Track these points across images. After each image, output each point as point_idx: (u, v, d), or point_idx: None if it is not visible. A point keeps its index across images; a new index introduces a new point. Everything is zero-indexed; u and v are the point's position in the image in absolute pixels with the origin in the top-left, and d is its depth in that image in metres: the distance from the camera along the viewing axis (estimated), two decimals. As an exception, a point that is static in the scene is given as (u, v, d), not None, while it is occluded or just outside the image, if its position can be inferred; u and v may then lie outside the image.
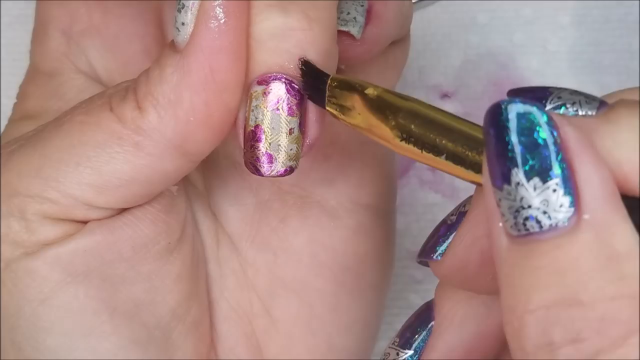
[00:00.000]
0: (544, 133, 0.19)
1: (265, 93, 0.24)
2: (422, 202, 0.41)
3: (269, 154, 0.25)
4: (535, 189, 0.18)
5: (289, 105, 0.24)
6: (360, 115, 0.23)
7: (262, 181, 0.30)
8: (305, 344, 0.31)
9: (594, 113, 0.20)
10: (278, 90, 0.24)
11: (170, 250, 0.27)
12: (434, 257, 0.24)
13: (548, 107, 0.20)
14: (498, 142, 0.19)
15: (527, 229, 0.19)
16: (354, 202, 0.31)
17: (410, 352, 0.24)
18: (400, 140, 0.22)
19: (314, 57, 0.24)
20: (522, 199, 0.19)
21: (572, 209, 0.18)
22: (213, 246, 0.30)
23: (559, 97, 0.20)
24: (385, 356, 0.25)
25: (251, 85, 0.25)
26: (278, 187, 0.30)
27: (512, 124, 0.19)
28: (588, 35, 0.42)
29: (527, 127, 0.19)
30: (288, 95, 0.24)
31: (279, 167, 0.25)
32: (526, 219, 0.19)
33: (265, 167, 0.25)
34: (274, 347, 0.30)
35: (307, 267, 0.31)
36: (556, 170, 0.18)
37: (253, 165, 0.25)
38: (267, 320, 0.30)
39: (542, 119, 0.19)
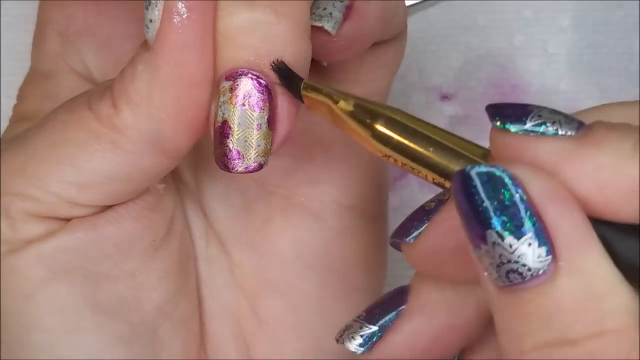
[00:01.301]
0: (509, 193, 0.19)
1: (232, 89, 0.24)
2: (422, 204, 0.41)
3: (237, 150, 0.25)
4: (511, 246, 0.19)
5: (256, 101, 0.24)
6: (336, 121, 0.23)
7: (247, 181, 0.30)
8: (292, 346, 0.30)
9: (573, 133, 0.20)
10: (245, 86, 0.24)
11: (155, 247, 0.27)
12: (407, 239, 0.24)
13: (528, 124, 0.20)
14: (469, 207, 0.20)
15: (511, 281, 0.20)
16: (339, 204, 0.31)
17: (375, 328, 0.25)
18: (383, 156, 0.23)
19: (283, 52, 0.24)
20: (500, 255, 0.19)
21: (549, 257, 0.19)
22: (203, 245, 0.30)
23: (539, 116, 0.20)
24: (347, 328, 0.25)
25: (219, 80, 0.24)
26: (263, 188, 0.30)
27: (479, 189, 0.20)
28: (588, 38, 0.42)
29: (493, 189, 0.19)
30: (255, 90, 0.24)
31: (247, 162, 0.25)
32: (508, 272, 0.19)
33: (233, 163, 0.25)
34: (262, 348, 0.30)
35: (292, 268, 0.30)
36: (527, 225, 0.19)
37: (222, 162, 0.25)
38: (255, 322, 0.30)
39: (506, 180, 0.19)
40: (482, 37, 0.42)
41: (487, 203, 0.19)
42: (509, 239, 0.19)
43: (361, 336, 0.25)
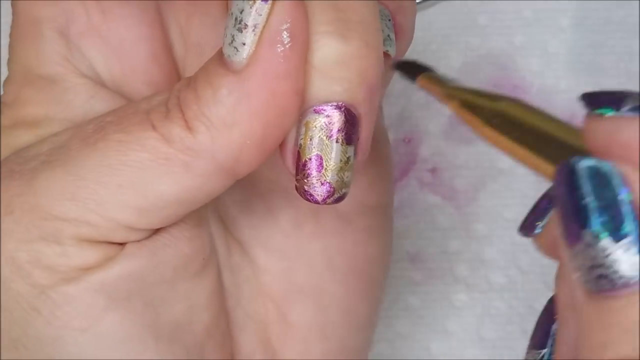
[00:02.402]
0: (615, 191, 0.19)
1: (324, 122, 0.24)
2: (422, 204, 0.41)
3: (326, 182, 0.24)
4: (606, 249, 0.18)
5: (347, 135, 0.24)
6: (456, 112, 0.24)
7: (272, 188, 0.30)
8: (320, 347, 0.30)
9: None
10: (338, 120, 0.24)
11: (204, 265, 0.27)
12: (535, 231, 0.24)
13: (624, 109, 0.20)
14: (569, 202, 0.19)
15: (600, 286, 0.19)
16: (364, 205, 0.31)
17: (546, 350, 0.24)
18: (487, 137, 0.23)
19: (372, 83, 0.24)
20: (594, 257, 0.19)
21: None
22: (225, 254, 0.30)
23: (635, 99, 0.20)
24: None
25: (306, 112, 0.24)
26: (289, 194, 0.30)
27: (582, 183, 0.19)
28: (588, 37, 0.42)
29: (599, 186, 0.19)
30: (347, 124, 0.24)
31: (338, 194, 0.25)
32: (599, 276, 0.19)
33: (321, 196, 0.25)
34: (289, 352, 0.30)
35: (322, 271, 0.30)
36: (629, 228, 0.18)
37: (308, 193, 0.25)
38: (283, 326, 0.30)
39: (614, 178, 0.19)
40: (483, 37, 0.42)
41: (588, 200, 0.19)
42: (606, 241, 0.18)
43: None
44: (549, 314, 0.25)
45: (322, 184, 0.25)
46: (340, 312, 0.31)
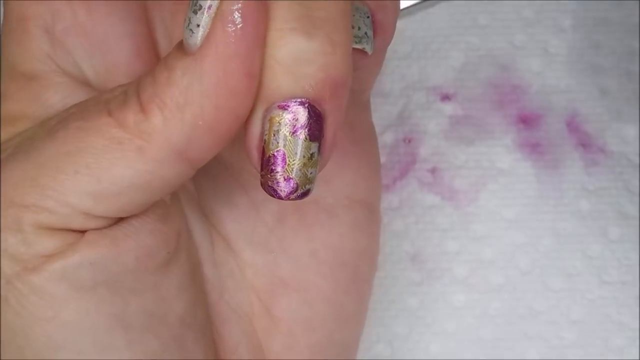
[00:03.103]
0: None
1: (287, 118, 0.24)
2: (421, 204, 0.41)
3: (290, 178, 0.25)
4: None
5: (311, 131, 0.24)
6: None
7: (255, 182, 0.30)
8: (307, 341, 0.31)
9: None
10: (301, 116, 0.24)
11: (169, 259, 0.27)
12: None
13: None
14: None
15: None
16: (350, 199, 0.31)
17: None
18: None
19: (338, 80, 0.24)
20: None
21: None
22: (208, 248, 0.30)
23: None
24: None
25: (271, 108, 0.24)
26: None
27: None
28: (588, 38, 0.42)
29: None
30: (311, 120, 0.24)
31: (301, 190, 0.25)
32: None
33: (285, 191, 0.25)
34: (275, 346, 0.30)
35: (307, 265, 0.31)
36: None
37: (272, 189, 0.25)
38: (268, 320, 0.30)
39: None
40: (483, 37, 0.42)
41: None
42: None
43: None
44: None
45: (285, 179, 0.25)
46: (326, 306, 0.31)
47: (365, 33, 0.27)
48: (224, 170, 0.30)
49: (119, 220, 0.26)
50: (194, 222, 0.30)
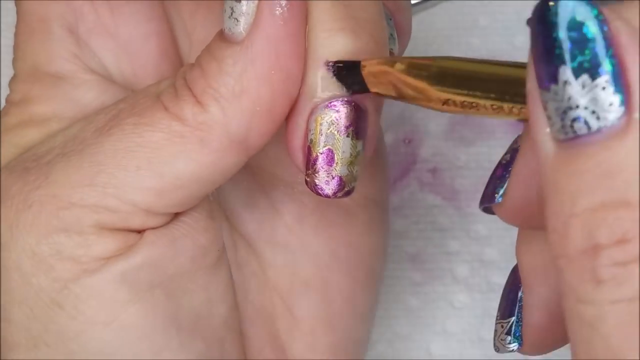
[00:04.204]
0: (593, 28, 0.18)
1: (335, 117, 0.24)
2: (422, 205, 0.41)
3: (337, 176, 0.25)
4: (583, 86, 0.18)
5: (357, 129, 0.25)
6: (401, 88, 0.23)
7: (275, 183, 0.30)
8: (328, 339, 0.31)
9: None
10: (348, 115, 0.25)
11: (218, 257, 0.27)
12: (496, 200, 0.24)
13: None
14: (545, 40, 0.18)
15: (575, 132, 0.18)
16: (366, 198, 0.31)
17: (513, 317, 0.24)
18: (443, 104, 0.22)
19: None
20: (569, 98, 0.18)
21: (623, 108, 0.17)
22: (231, 249, 0.30)
23: None
24: (495, 334, 0.25)
25: (317, 108, 0.25)
26: (292, 188, 0.30)
27: (560, 20, 0.18)
28: (589, 39, 0.42)
29: (576, 23, 0.18)
30: (356, 119, 0.25)
31: (346, 188, 0.25)
32: (574, 120, 0.18)
33: (332, 189, 0.25)
34: (297, 345, 0.30)
35: (327, 264, 0.31)
36: (606, 66, 0.18)
37: (319, 187, 0.25)
38: (290, 320, 0.30)
39: (592, 14, 0.18)
40: (483, 37, 0.42)
41: (565, 35, 0.18)
42: (583, 77, 0.18)
43: (506, 334, 0.24)
44: (513, 283, 0.25)
45: (332, 177, 0.25)
46: (345, 304, 0.31)
47: (391, 34, 0.27)
48: (243, 170, 0.30)
49: (174, 219, 0.26)
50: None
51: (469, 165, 0.41)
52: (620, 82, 0.17)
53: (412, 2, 0.42)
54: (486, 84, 0.21)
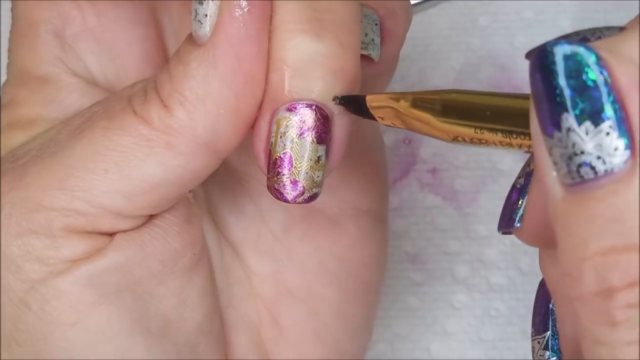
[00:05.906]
0: (593, 74, 0.18)
1: (295, 120, 0.24)
2: (422, 205, 0.41)
3: (296, 181, 0.25)
4: (587, 133, 0.17)
5: (319, 133, 0.24)
6: (407, 122, 0.23)
7: (262, 189, 0.30)
8: (315, 351, 0.30)
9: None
10: (309, 118, 0.24)
11: (194, 262, 0.27)
12: (514, 225, 0.23)
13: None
14: (545, 87, 0.18)
15: (582, 176, 0.18)
16: (356, 208, 0.31)
17: (548, 332, 0.24)
18: (452, 140, 0.22)
19: (346, 83, 0.24)
20: (574, 145, 0.18)
21: (628, 152, 0.17)
22: (217, 254, 0.30)
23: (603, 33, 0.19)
24: (533, 351, 0.25)
25: (278, 111, 0.24)
26: None
27: (559, 67, 0.18)
28: (589, 39, 0.42)
29: (575, 69, 0.18)
30: (318, 123, 0.24)
31: (308, 193, 0.25)
32: (580, 165, 0.18)
33: (292, 194, 0.25)
34: (282, 355, 0.30)
35: (313, 275, 0.30)
36: (608, 112, 0.17)
37: (278, 192, 0.25)
38: (275, 329, 0.30)
39: (591, 59, 0.18)
40: (483, 38, 0.42)
41: (565, 82, 0.18)
42: (586, 124, 0.17)
43: (544, 349, 0.24)
44: (543, 297, 0.25)
45: (292, 182, 0.25)
46: (333, 316, 0.31)
47: (372, 40, 0.27)
48: (231, 176, 0.30)
49: (146, 222, 0.26)
50: (206, 227, 0.30)
51: (468, 166, 0.41)
52: (624, 126, 0.17)
53: (412, 2, 0.42)
54: (493, 118, 0.21)
